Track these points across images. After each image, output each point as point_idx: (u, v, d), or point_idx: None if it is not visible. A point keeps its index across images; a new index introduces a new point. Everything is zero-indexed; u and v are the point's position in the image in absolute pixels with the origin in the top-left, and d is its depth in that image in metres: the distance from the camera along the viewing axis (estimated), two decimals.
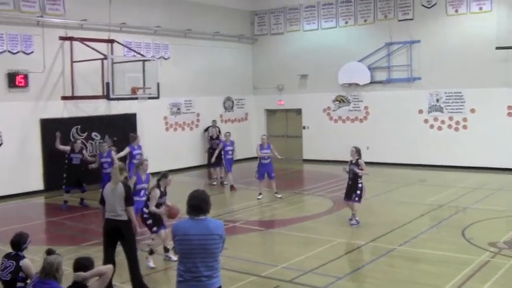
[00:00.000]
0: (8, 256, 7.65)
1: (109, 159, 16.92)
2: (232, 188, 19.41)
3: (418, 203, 16.16)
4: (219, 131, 22.92)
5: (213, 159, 20.04)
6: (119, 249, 9.36)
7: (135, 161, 17.93)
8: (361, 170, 13.61)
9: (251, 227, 14.13)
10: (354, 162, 13.75)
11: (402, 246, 11.87)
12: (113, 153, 17.20)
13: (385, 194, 17.79)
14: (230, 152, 19.68)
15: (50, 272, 6.54)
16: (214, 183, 20.63)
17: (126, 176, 10.27)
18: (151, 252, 10.92)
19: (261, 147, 17.63)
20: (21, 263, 7.46)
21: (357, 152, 13.72)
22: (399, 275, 10.10)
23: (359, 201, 13.68)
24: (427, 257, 11.20)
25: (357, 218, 13.81)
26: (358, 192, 13.62)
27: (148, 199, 10.84)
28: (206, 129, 24.74)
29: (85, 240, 12.56)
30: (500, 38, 20.64)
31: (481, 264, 10.34)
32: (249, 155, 23.95)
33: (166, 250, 11.06)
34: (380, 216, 15.14)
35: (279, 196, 17.49)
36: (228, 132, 20.34)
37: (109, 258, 9.08)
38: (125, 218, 9.13)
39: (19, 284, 7.36)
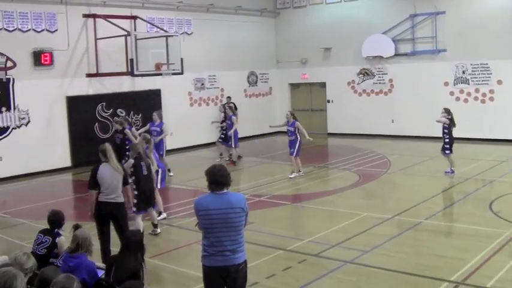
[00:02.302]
0: (44, 232, 7.82)
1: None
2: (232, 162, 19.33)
3: (444, 176, 16.06)
4: (235, 107, 22.78)
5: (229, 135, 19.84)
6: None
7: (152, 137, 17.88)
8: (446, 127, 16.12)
9: (276, 201, 14.14)
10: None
11: (428, 220, 11.83)
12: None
13: (410, 168, 17.70)
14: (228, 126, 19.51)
15: (83, 245, 6.64)
16: (228, 159, 20.06)
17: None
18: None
19: (287, 123, 17.11)
20: (57, 240, 7.62)
21: (445, 111, 16.22)
22: (425, 248, 10.09)
23: (449, 153, 16.09)
24: (453, 231, 11.18)
25: (452, 168, 16.09)
26: (447, 146, 16.04)
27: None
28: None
29: None
30: None
31: (509, 238, 10.24)
32: (273, 129, 23.85)
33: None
34: (405, 189, 15.14)
35: (290, 176, 16.78)
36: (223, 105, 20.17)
37: (107, 241, 9.22)
38: (122, 199, 9.21)
39: (52, 260, 7.51)
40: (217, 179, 6.11)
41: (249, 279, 6.60)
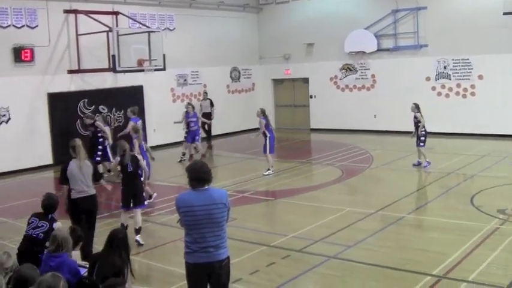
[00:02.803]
0: (39, 216, 7.83)
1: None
2: (190, 157, 19.69)
3: (426, 171, 16.18)
4: (211, 104, 23.03)
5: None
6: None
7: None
8: (419, 121, 16.69)
9: (260, 197, 14.19)
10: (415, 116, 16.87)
11: (411, 215, 11.92)
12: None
13: (393, 162, 17.79)
14: (192, 124, 19.63)
15: (63, 245, 6.58)
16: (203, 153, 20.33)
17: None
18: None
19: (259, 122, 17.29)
20: (55, 225, 7.62)
21: (416, 107, 16.86)
22: (408, 242, 10.15)
23: (423, 145, 16.67)
24: (436, 225, 11.24)
25: (427, 160, 16.50)
26: (422, 138, 16.65)
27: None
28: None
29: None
30: (507, 2, 20.33)
31: (490, 232, 10.35)
32: (257, 125, 23.77)
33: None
34: (388, 184, 15.21)
35: (264, 174, 16.71)
36: (189, 104, 20.57)
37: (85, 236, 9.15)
38: (94, 191, 9.46)
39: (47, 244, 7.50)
40: (199, 175, 6.10)
41: (233, 276, 6.61)
